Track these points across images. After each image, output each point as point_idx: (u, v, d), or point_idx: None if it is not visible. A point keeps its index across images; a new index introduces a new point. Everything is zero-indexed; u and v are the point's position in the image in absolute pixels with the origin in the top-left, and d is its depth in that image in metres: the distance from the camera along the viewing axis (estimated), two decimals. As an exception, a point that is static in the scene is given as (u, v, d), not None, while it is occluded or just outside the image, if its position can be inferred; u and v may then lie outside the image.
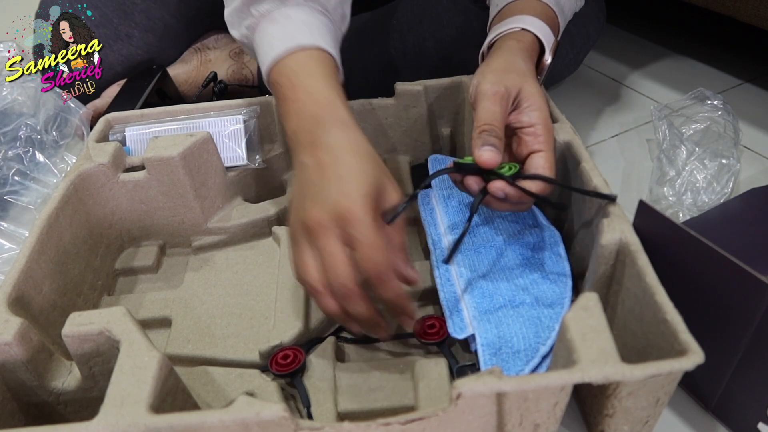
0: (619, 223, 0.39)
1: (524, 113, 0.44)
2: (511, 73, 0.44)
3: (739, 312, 0.36)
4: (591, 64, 0.87)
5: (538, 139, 0.43)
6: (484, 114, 0.42)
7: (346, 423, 0.31)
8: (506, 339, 0.41)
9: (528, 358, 0.40)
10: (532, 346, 0.41)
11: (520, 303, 0.44)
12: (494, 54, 0.47)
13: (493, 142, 0.41)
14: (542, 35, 0.48)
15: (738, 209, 0.53)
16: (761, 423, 0.39)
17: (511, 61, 0.45)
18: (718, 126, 0.63)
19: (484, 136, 0.42)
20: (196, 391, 0.42)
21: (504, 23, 0.49)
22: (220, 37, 0.80)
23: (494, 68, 0.45)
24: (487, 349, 0.41)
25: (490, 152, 0.41)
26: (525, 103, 0.44)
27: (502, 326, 0.42)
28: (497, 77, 0.44)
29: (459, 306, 0.45)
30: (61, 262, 0.48)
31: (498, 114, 0.43)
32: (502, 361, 0.40)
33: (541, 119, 0.43)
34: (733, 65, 0.85)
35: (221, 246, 0.57)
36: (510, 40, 0.48)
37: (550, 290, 0.44)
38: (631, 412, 0.35)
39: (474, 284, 0.46)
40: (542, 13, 0.50)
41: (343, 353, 0.46)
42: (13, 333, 0.38)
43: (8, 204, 0.64)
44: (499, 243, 0.49)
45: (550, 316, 0.42)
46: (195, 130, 0.57)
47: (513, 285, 0.45)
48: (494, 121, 0.42)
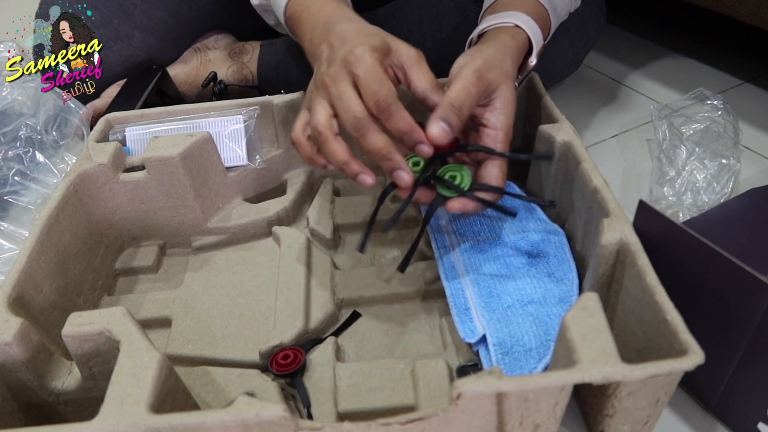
0: (619, 223, 0.39)
1: (493, 113, 0.44)
2: (498, 68, 0.44)
3: (739, 312, 0.36)
4: (591, 64, 0.87)
5: (497, 142, 0.44)
6: (459, 91, 0.42)
7: (346, 423, 0.31)
8: (517, 338, 0.41)
9: (540, 356, 0.40)
10: (544, 343, 0.40)
11: (528, 302, 0.44)
12: (487, 43, 0.47)
13: (453, 122, 0.41)
14: (533, 37, 0.48)
15: (738, 209, 0.53)
16: (761, 423, 0.39)
17: (501, 57, 0.45)
18: (718, 126, 0.62)
19: (448, 110, 0.41)
20: (196, 391, 0.42)
21: (498, 15, 0.49)
22: (220, 37, 0.80)
23: (485, 56, 0.44)
24: (499, 349, 0.41)
25: (443, 131, 0.41)
26: (497, 104, 0.44)
27: (512, 325, 0.42)
28: (485, 66, 0.43)
29: (467, 306, 0.45)
30: (61, 262, 0.48)
31: (472, 97, 0.42)
32: (515, 360, 0.40)
33: (505, 126, 0.44)
34: (733, 65, 0.85)
35: (221, 246, 0.57)
36: (504, 35, 0.47)
37: (558, 288, 0.44)
38: (631, 413, 0.35)
39: (481, 284, 0.46)
40: (536, 12, 0.50)
41: (343, 353, 0.46)
42: (13, 333, 0.38)
43: (8, 204, 0.64)
44: (504, 243, 0.49)
45: (560, 314, 0.42)
46: (195, 130, 0.57)
47: (520, 284, 0.45)
48: (466, 101, 0.42)
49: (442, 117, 0.41)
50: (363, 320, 0.49)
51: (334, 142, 0.41)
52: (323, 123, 0.41)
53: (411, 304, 0.49)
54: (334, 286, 0.50)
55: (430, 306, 0.49)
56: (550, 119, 0.52)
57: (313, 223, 0.56)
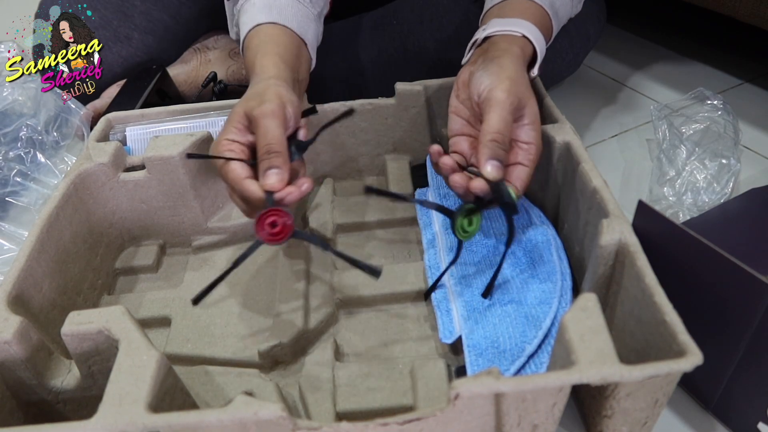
0: (619, 223, 0.39)
1: (524, 130, 0.45)
2: (521, 86, 0.45)
3: (739, 312, 0.36)
4: (591, 64, 0.87)
5: (528, 156, 0.45)
6: (498, 122, 0.43)
7: (344, 423, 0.31)
8: (492, 339, 0.42)
9: (513, 357, 0.40)
10: (518, 345, 0.41)
11: (509, 302, 0.44)
12: (504, 57, 0.46)
13: (502, 157, 0.43)
14: (539, 50, 0.49)
15: (738, 209, 0.53)
16: (761, 423, 0.39)
17: (521, 72, 0.46)
18: (718, 126, 0.62)
19: (495, 146, 0.42)
20: (194, 391, 0.42)
21: (506, 21, 0.49)
22: (220, 37, 0.80)
23: (509, 76, 0.44)
24: (473, 350, 0.41)
25: (497, 169, 0.42)
26: (527, 120, 0.45)
27: (489, 326, 0.43)
28: (513, 87, 0.44)
29: (449, 307, 0.45)
30: (61, 261, 0.48)
31: (509, 124, 0.43)
32: (488, 362, 0.40)
33: (537, 140, 0.45)
34: (733, 65, 0.85)
35: (221, 246, 0.57)
36: (515, 47, 0.47)
37: (540, 288, 0.44)
38: (630, 413, 0.35)
39: (465, 283, 0.46)
40: (540, 19, 0.50)
41: (341, 353, 0.46)
42: (12, 331, 0.38)
43: (8, 205, 0.65)
44: (491, 242, 0.49)
45: (538, 315, 0.42)
46: (195, 129, 0.57)
47: (503, 283, 0.45)
48: (506, 131, 0.43)
49: (493, 156, 0.42)
50: (363, 320, 0.49)
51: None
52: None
53: (410, 304, 0.49)
54: (333, 286, 0.50)
55: (429, 306, 0.49)
56: (551, 119, 0.52)
57: (313, 222, 0.56)
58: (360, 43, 0.71)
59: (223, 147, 0.43)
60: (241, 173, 0.42)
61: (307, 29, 0.53)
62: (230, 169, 0.42)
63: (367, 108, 0.59)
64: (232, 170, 0.42)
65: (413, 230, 0.56)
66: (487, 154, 0.42)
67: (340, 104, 0.58)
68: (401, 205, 0.58)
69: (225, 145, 0.43)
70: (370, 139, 0.61)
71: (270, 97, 0.43)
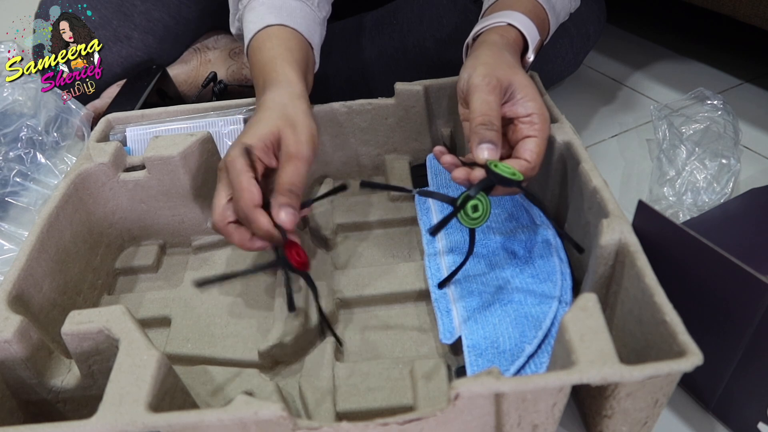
0: (619, 223, 0.39)
1: (519, 104, 0.44)
2: (501, 65, 0.44)
3: (739, 312, 0.36)
4: (591, 64, 0.87)
5: (534, 127, 0.44)
6: (479, 105, 0.42)
7: (344, 423, 0.31)
8: (492, 340, 0.42)
9: (513, 357, 0.40)
10: (518, 345, 0.41)
11: (508, 301, 0.44)
12: (480, 47, 0.47)
13: (492, 138, 0.42)
14: (527, 32, 0.48)
15: (738, 209, 0.53)
16: (761, 423, 0.39)
17: (498, 54, 0.45)
18: (718, 126, 0.62)
19: (481, 129, 0.42)
20: (195, 390, 0.42)
21: (491, 17, 0.49)
22: (220, 37, 0.81)
23: (484, 61, 0.44)
24: (473, 351, 0.41)
25: (491, 151, 0.42)
26: (519, 95, 0.44)
27: (489, 326, 0.42)
28: (488, 69, 0.43)
29: (449, 307, 0.45)
30: (61, 260, 0.48)
31: (494, 104, 0.43)
32: (488, 362, 0.40)
33: (537, 109, 0.44)
34: (733, 65, 0.85)
35: (221, 246, 0.57)
36: (494, 35, 0.47)
37: (539, 288, 0.44)
38: (630, 413, 0.35)
39: (465, 283, 0.46)
40: (532, 11, 0.50)
41: (342, 353, 0.46)
42: (12, 331, 0.38)
43: (8, 205, 0.65)
44: (492, 241, 0.49)
45: (538, 315, 0.42)
46: (195, 129, 0.57)
47: (503, 283, 0.45)
48: (490, 111, 0.42)
49: (481, 139, 0.42)
50: (362, 320, 0.49)
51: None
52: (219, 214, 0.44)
53: (410, 304, 0.49)
54: (333, 286, 0.50)
55: (429, 306, 0.49)
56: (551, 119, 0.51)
57: (313, 222, 0.56)
58: (360, 42, 0.71)
59: (243, 163, 0.42)
60: (254, 199, 0.42)
61: (314, 33, 0.53)
62: (245, 189, 0.42)
63: (367, 108, 0.59)
64: (247, 190, 0.42)
65: (413, 230, 0.56)
66: (476, 139, 0.42)
67: (340, 104, 0.58)
68: (401, 205, 0.58)
69: (244, 162, 0.42)
70: (369, 139, 0.61)
71: (305, 138, 0.44)
